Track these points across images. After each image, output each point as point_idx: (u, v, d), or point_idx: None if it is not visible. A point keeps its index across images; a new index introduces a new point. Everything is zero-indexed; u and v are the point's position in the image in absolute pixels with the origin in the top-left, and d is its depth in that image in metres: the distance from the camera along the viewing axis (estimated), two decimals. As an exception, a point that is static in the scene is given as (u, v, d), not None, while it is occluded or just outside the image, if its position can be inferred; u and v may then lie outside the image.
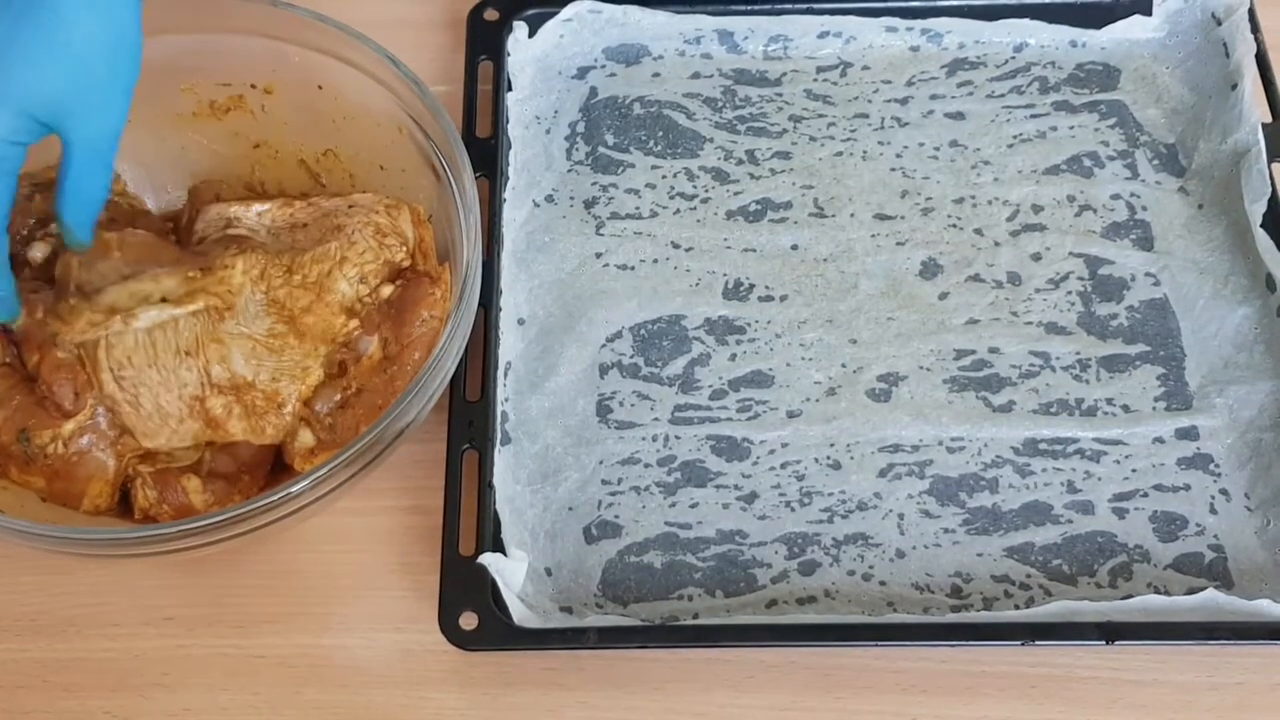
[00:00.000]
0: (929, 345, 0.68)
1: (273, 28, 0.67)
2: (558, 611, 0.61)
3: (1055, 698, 0.60)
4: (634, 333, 0.69)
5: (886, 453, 0.66)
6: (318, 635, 0.62)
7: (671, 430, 0.66)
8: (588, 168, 0.74)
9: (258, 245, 0.64)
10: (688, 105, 0.76)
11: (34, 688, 0.61)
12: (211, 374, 0.60)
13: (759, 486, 0.65)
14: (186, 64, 0.68)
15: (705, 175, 0.74)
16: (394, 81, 0.65)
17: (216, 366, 0.60)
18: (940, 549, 0.63)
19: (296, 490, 0.55)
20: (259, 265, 0.62)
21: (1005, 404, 0.67)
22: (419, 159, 0.66)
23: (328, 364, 0.62)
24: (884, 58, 0.77)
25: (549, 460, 0.65)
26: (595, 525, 0.64)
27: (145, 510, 0.61)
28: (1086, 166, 0.73)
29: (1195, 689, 0.60)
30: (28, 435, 0.60)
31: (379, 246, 0.65)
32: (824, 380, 0.68)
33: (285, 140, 0.70)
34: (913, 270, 0.71)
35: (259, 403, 0.61)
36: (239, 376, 0.60)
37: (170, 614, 0.63)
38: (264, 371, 0.61)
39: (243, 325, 0.61)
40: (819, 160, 0.74)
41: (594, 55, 0.77)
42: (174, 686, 0.61)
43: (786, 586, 0.62)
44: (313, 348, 0.62)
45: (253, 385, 0.61)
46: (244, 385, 0.61)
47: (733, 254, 0.71)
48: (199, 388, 0.60)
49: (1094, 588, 0.62)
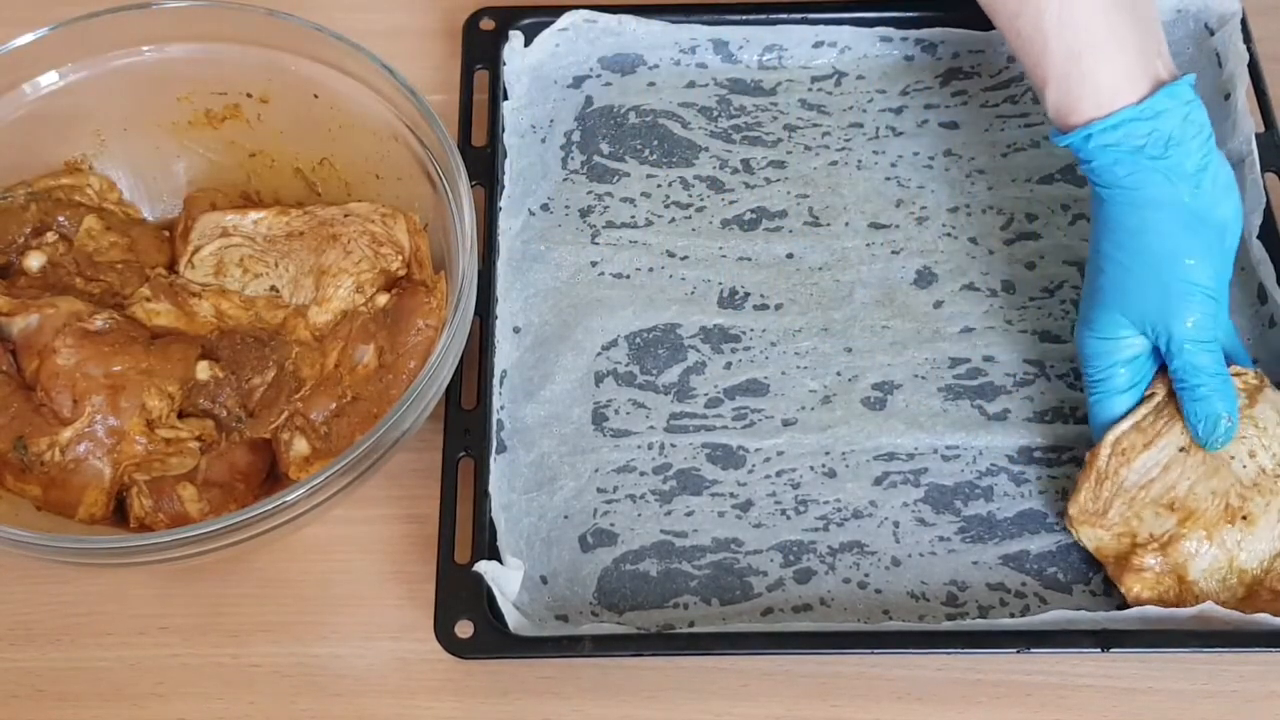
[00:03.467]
0: (924, 354, 0.68)
1: (269, 37, 0.67)
2: (553, 620, 0.61)
3: (1051, 706, 0.60)
4: (629, 341, 0.69)
5: (881, 461, 0.66)
6: (313, 644, 0.62)
7: (667, 438, 0.66)
8: (583, 177, 0.74)
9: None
10: (683, 114, 0.76)
11: (27, 697, 0.61)
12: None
13: (754, 495, 0.65)
14: (183, 73, 0.68)
15: (700, 184, 0.74)
16: (390, 90, 0.65)
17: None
18: (935, 557, 0.63)
19: (292, 499, 0.55)
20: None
21: (1000, 412, 0.67)
22: (415, 168, 0.66)
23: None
24: (878, 67, 0.77)
25: (544, 468, 0.65)
26: (591, 533, 0.64)
27: (140, 519, 0.61)
28: (1080, 175, 0.74)
29: (1190, 697, 0.60)
30: (24, 443, 0.60)
31: (375, 255, 0.66)
32: (819, 388, 0.68)
33: (281, 149, 0.70)
34: (907, 279, 0.71)
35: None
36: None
37: (165, 623, 0.62)
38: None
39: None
40: (814, 169, 0.74)
41: (589, 64, 0.77)
42: (168, 696, 0.61)
43: (782, 594, 0.62)
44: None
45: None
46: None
47: (728, 263, 0.71)
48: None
49: (1089, 596, 0.62)
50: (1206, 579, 0.60)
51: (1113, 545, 0.61)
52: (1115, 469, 0.62)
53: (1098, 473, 0.62)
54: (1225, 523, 0.60)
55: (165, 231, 0.70)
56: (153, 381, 0.61)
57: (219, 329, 0.65)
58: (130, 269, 0.66)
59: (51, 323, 0.62)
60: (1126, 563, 0.60)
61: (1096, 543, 0.62)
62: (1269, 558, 0.60)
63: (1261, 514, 0.60)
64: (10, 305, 0.63)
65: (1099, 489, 0.62)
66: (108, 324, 0.63)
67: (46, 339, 0.61)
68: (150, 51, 0.67)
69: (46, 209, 0.67)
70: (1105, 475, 0.62)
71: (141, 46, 0.67)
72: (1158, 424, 0.62)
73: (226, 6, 0.67)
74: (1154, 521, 0.61)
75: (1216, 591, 0.60)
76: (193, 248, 0.67)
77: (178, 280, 0.67)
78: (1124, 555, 0.61)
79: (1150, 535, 0.60)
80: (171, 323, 0.65)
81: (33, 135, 0.67)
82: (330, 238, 0.66)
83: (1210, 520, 0.60)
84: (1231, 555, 0.60)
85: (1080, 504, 0.62)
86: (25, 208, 0.67)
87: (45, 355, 0.60)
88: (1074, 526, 0.62)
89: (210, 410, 0.63)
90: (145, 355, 0.62)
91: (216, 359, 0.64)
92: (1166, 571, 0.60)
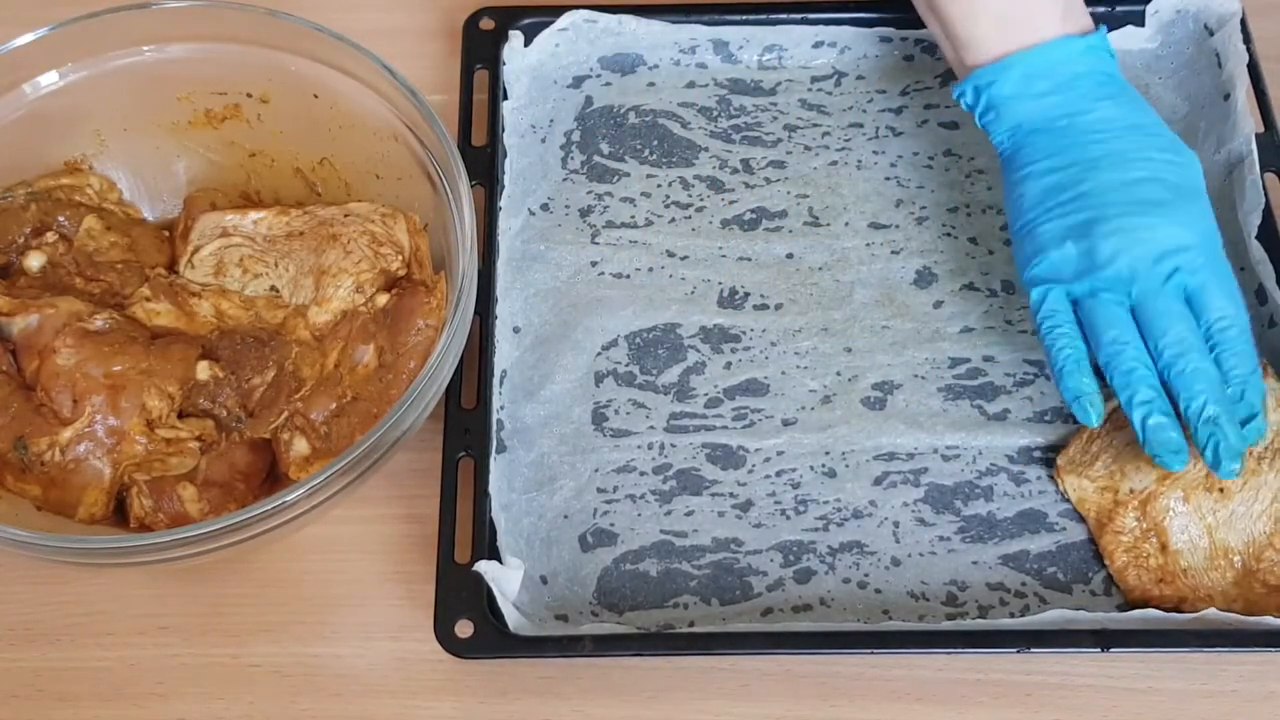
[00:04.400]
0: (923, 354, 0.68)
1: (269, 37, 0.67)
2: (553, 620, 0.61)
3: (1051, 705, 0.60)
4: (629, 341, 0.69)
5: (881, 461, 0.66)
6: (313, 644, 0.62)
7: (667, 438, 0.66)
8: (583, 176, 0.74)
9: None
10: (683, 114, 0.76)
11: (28, 697, 0.61)
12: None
13: (754, 494, 0.65)
14: (183, 73, 0.68)
15: (700, 184, 0.74)
16: (390, 90, 0.65)
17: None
18: (935, 557, 0.63)
19: (292, 499, 0.55)
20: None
21: (1000, 412, 0.67)
22: (415, 168, 0.66)
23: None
24: (878, 68, 0.77)
25: (544, 468, 0.65)
26: (591, 533, 0.64)
27: (140, 519, 0.61)
28: (1080, 176, 0.74)
29: (1190, 696, 0.60)
30: (24, 443, 0.60)
31: (375, 255, 0.65)
32: (819, 388, 0.68)
33: (281, 149, 0.70)
34: (907, 279, 0.71)
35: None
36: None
37: (165, 623, 0.62)
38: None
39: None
40: (814, 169, 0.74)
41: (589, 64, 0.77)
42: (168, 696, 0.61)
43: (782, 594, 0.62)
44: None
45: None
46: None
47: (728, 263, 0.71)
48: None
49: (1089, 595, 0.62)
50: (1191, 552, 0.61)
51: (1095, 499, 0.63)
52: (1108, 431, 0.64)
53: (1090, 433, 0.64)
54: (1204, 490, 0.61)
55: (165, 231, 0.70)
56: (152, 381, 0.61)
57: (219, 329, 0.65)
58: (130, 269, 0.66)
59: (51, 323, 0.62)
60: (1109, 522, 0.62)
61: (1080, 493, 0.63)
62: (1256, 542, 0.61)
63: (1237, 490, 0.61)
64: (10, 305, 0.63)
65: (1089, 445, 0.63)
66: (108, 324, 0.63)
67: (46, 339, 0.61)
68: (150, 51, 0.67)
69: (46, 209, 0.67)
70: (1097, 435, 0.64)
71: (141, 46, 0.67)
72: None
73: (226, 6, 0.67)
74: (1136, 476, 0.62)
75: (1203, 569, 0.61)
76: (193, 248, 0.67)
77: (178, 280, 0.67)
78: (1106, 512, 0.62)
79: (1131, 490, 0.62)
80: (171, 323, 0.65)
81: (33, 135, 0.67)
82: (330, 238, 0.66)
83: (1189, 483, 0.61)
84: (1209, 525, 0.61)
85: (1069, 455, 0.64)
86: (25, 208, 0.67)
87: (45, 355, 0.60)
88: (1060, 476, 0.64)
89: (210, 410, 0.63)
90: (145, 355, 0.62)
91: (216, 359, 0.64)
92: (1146, 534, 0.61)
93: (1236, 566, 0.61)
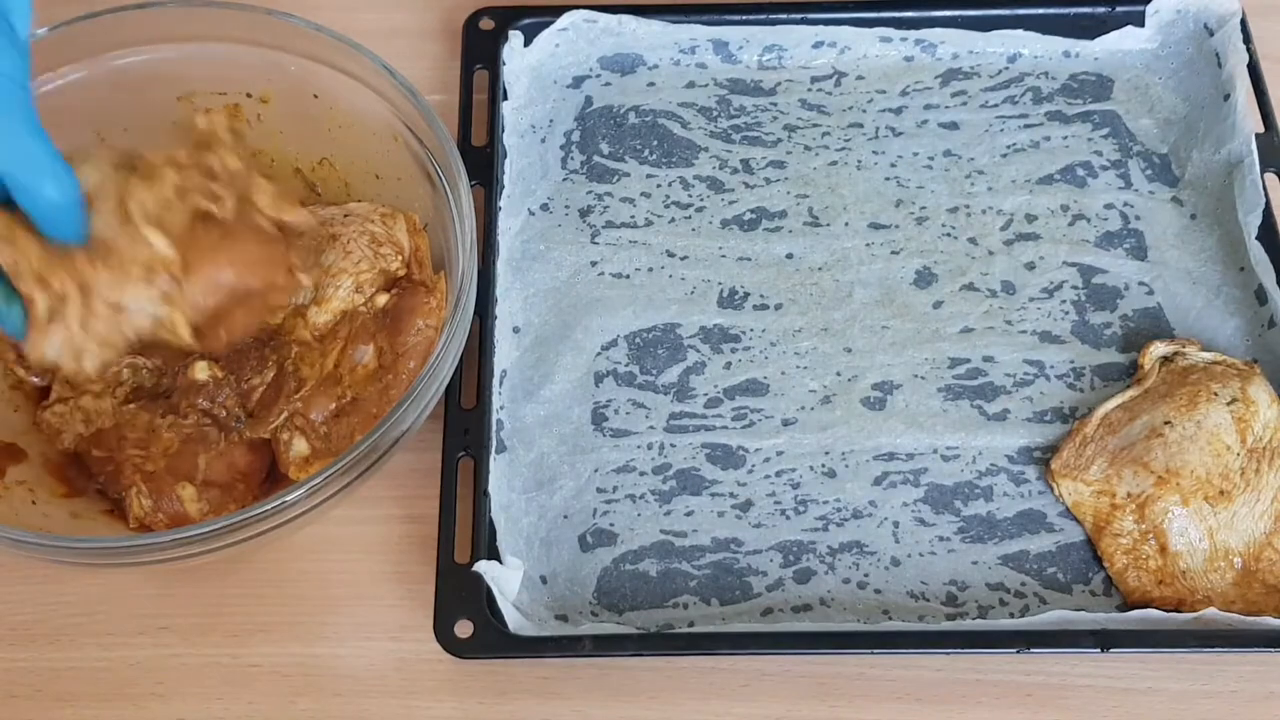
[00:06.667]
0: (923, 354, 0.68)
1: (269, 37, 0.67)
2: (553, 620, 0.61)
3: (1050, 706, 0.60)
4: (629, 341, 0.69)
5: (881, 461, 0.66)
6: (312, 644, 0.62)
7: (667, 438, 0.66)
8: (583, 176, 0.74)
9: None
10: (683, 114, 0.76)
11: (27, 697, 0.61)
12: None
13: (754, 495, 0.65)
14: (182, 73, 0.68)
15: (700, 184, 0.74)
16: (390, 90, 0.65)
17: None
18: (935, 557, 0.63)
19: (292, 499, 0.55)
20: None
21: (1000, 412, 0.67)
22: (415, 168, 0.66)
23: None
24: (878, 68, 0.77)
25: (544, 468, 0.65)
26: (590, 533, 0.64)
27: (140, 519, 0.61)
28: (1080, 176, 0.74)
29: (1190, 697, 0.60)
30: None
31: (374, 255, 0.65)
32: (819, 389, 0.68)
33: (281, 149, 0.70)
34: (907, 279, 0.71)
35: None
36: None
37: (165, 623, 0.62)
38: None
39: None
40: (813, 169, 0.74)
41: (589, 64, 0.77)
42: (168, 696, 0.61)
43: (782, 594, 0.62)
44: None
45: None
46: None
47: (728, 263, 0.71)
48: None
49: (1088, 596, 0.62)
50: (1190, 554, 0.61)
51: (1091, 503, 0.63)
52: (1101, 435, 0.64)
53: (1083, 437, 0.64)
54: (1202, 494, 0.61)
55: (165, 231, 0.70)
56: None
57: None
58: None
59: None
60: (1107, 525, 0.62)
61: (1075, 497, 0.63)
62: (1255, 542, 0.61)
63: (1240, 492, 0.61)
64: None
65: (1083, 449, 0.64)
66: None
67: None
68: (150, 51, 0.67)
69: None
70: (1090, 439, 0.64)
71: (141, 46, 0.67)
72: (1144, 404, 0.64)
73: (226, 6, 0.67)
74: (1132, 480, 0.62)
75: (1203, 571, 0.61)
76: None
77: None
78: (1103, 516, 0.62)
79: (1128, 494, 0.62)
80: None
81: (32, 135, 0.67)
82: (330, 238, 0.66)
83: (1188, 488, 0.61)
84: (1210, 528, 0.61)
85: (1063, 459, 0.64)
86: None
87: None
88: (1054, 480, 0.64)
89: (210, 410, 0.63)
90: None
91: (216, 359, 0.64)
92: (1145, 536, 0.61)
93: (1236, 567, 0.61)
